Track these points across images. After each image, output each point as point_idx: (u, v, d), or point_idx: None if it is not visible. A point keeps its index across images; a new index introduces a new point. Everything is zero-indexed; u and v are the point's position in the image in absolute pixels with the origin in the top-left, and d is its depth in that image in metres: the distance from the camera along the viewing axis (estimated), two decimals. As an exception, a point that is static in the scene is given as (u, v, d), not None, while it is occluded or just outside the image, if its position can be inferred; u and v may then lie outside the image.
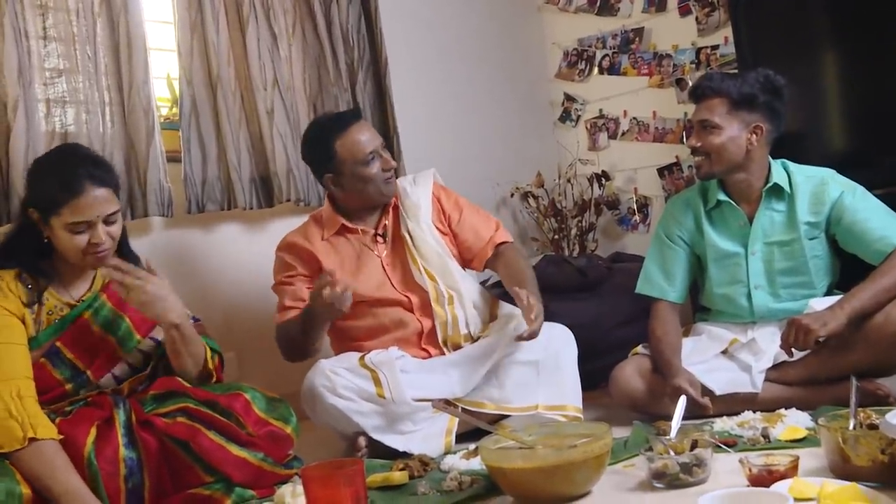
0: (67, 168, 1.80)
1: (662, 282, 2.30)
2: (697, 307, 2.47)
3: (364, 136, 2.33)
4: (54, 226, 1.80)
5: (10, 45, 2.18)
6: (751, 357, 2.16)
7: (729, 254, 2.25)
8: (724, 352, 2.22)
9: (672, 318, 2.27)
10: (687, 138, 2.29)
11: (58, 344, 1.81)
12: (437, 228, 2.42)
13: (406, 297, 2.34)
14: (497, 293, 2.55)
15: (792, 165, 2.25)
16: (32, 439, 1.59)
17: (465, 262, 2.46)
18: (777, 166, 2.23)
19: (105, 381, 1.86)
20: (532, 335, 2.12)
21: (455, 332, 2.33)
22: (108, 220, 1.82)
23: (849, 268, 2.25)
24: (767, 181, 2.19)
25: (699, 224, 2.28)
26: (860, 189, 2.18)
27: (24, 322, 1.78)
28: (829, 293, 2.23)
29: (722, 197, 2.24)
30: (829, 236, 2.21)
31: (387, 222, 2.41)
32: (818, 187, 2.18)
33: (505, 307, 2.43)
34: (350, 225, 2.38)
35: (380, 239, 2.39)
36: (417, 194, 2.43)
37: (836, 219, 2.16)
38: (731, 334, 2.24)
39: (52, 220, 1.80)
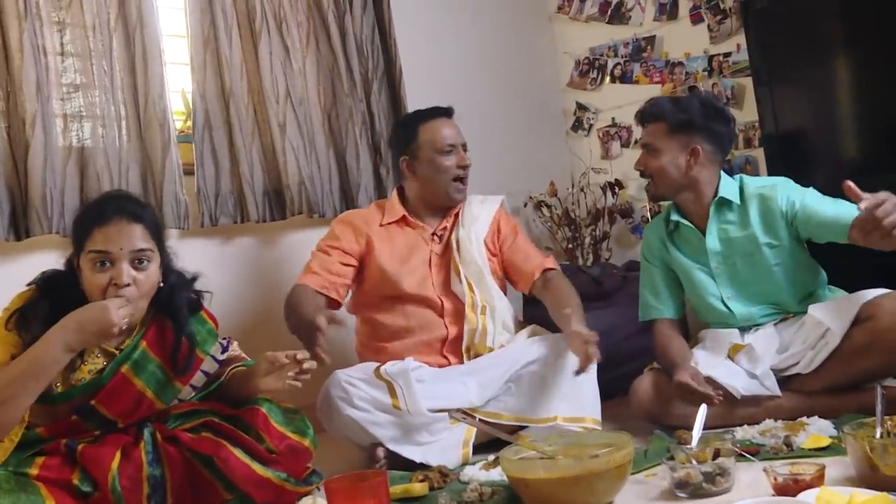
0: (99, 201, 1.81)
1: (654, 302, 2.39)
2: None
3: (448, 130, 2.43)
4: (82, 265, 1.71)
5: (28, 62, 2.20)
6: (751, 365, 2.17)
7: (694, 269, 2.31)
8: (730, 358, 2.22)
9: (672, 332, 2.32)
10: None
11: (93, 403, 1.70)
12: (487, 248, 2.46)
13: (440, 300, 2.36)
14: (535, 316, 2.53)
15: (748, 179, 2.30)
16: None
17: (513, 283, 2.50)
18: (728, 181, 2.29)
19: None
20: (585, 364, 2.04)
21: (482, 341, 2.33)
22: (135, 261, 1.71)
23: (847, 262, 2.24)
24: (716, 196, 2.26)
25: (666, 245, 2.37)
26: (809, 191, 2.21)
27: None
28: (812, 294, 2.24)
29: (675, 217, 2.33)
30: (798, 241, 2.22)
31: (447, 225, 2.46)
32: (765, 203, 2.22)
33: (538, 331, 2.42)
34: (411, 219, 2.44)
35: (436, 238, 2.45)
36: (480, 210, 2.49)
37: (794, 220, 2.18)
38: (729, 338, 2.26)
39: (81, 258, 1.72)
